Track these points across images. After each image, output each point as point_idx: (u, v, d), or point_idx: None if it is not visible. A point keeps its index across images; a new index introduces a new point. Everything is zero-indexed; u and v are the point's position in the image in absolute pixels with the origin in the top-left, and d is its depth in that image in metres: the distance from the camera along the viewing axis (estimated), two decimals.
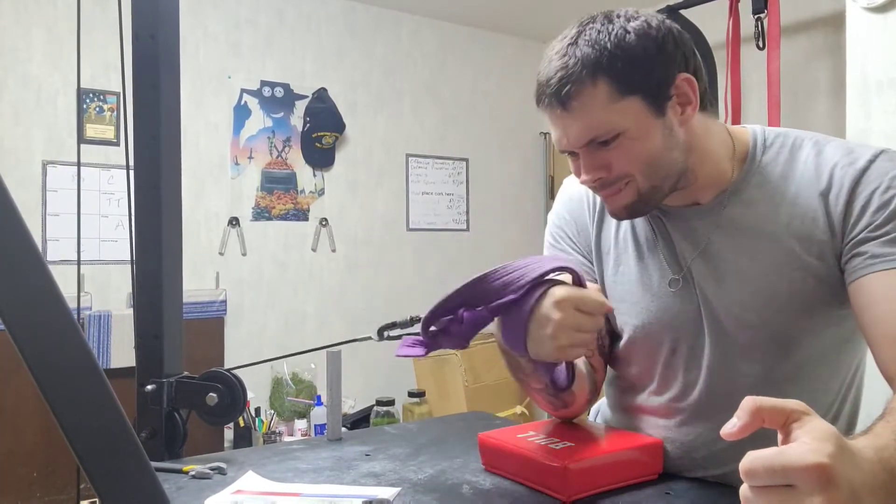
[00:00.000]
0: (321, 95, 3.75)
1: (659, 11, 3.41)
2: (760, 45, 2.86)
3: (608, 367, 1.10)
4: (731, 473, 0.93)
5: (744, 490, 0.51)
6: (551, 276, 0.85)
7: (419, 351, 0.88)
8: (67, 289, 0.74)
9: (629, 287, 1.00)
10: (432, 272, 4.04)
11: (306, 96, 3.73)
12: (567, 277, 0.86)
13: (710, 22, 3.32)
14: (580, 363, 0.99)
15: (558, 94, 0.85)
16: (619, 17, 0.86)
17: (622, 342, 1.02)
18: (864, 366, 0.98)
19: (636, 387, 1.03)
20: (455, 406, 3.18)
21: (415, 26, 4.10)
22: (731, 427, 0.52)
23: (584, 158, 0.90)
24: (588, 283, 1.03)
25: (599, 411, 1.18)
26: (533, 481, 0.91)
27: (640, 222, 1.00)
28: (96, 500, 0.52)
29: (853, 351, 0.95)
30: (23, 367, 0.49)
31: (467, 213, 4.23)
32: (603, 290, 1.04)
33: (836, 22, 3.00)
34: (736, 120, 3.04)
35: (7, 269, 0.49)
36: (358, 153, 3.91)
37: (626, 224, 1.02)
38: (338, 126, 3.78)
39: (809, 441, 0.49)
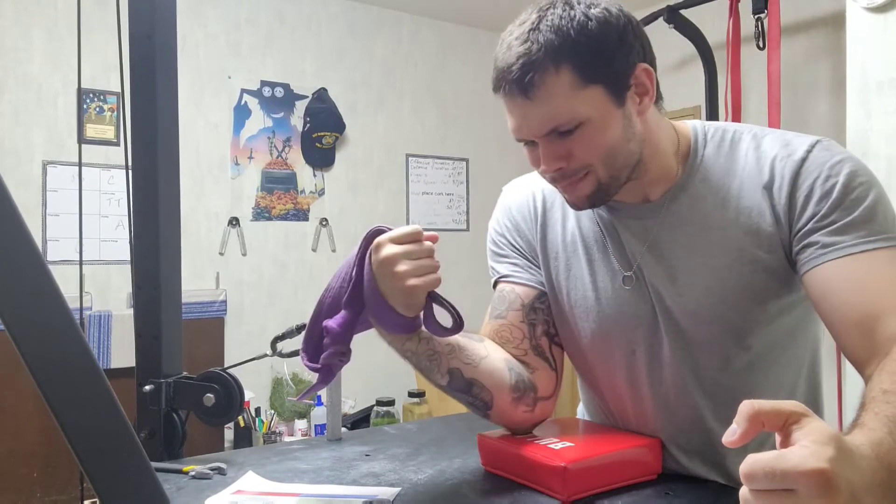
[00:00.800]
0: (321, 95, 3.75)
1: (658, 11, 3.38)
2: (760, 45, 2.86)
3: (576, 373, 1.09)
4: (715, 465, 0.95)
5: (743, 492, 0.51)
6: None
7: (319, 386, 0.90)
8: (67, 289, 0.74)
9: (582, 291, 1.00)
10: None
11: (306, 96, 3.73)
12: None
13: (710, 22, 3.32)
14: (501, 362, 0.98)
15: (520, 82, 0.83)
16: (578, 3, 0.85)
17: (583, 347, 1.02)
18: (820, 343, 0.99)
19: (605, 389, 1.03)
20: (455, 406, 3.17)
21: (415, 26, 4.10)
22: (732, 435, 0.52)
23: (543, 148, 0.88)
24: (523, 293, 1.04)
25: (582, 415, 1.18)
26: (532, 481, 0.91)
27: (586, 223, 1.00)
28: (97, 500, 0.52)
29: (806, 333, 0.96)
30: (23, 367, 0.49)
31: (467, 213, 4.23)
32: (553, 295, 1.03)
33: (836, 22, 3.00)
34: (736, 120, 3.04)
35: (7, 269, 0.49)
36: (358, 153, 3.91)
37: (572, 225, 1.01)
38: (338, 126, 3.78)
39: (809, 444, 0.49)
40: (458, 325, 0.90)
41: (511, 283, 1.05)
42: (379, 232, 0.87)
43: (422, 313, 0.89)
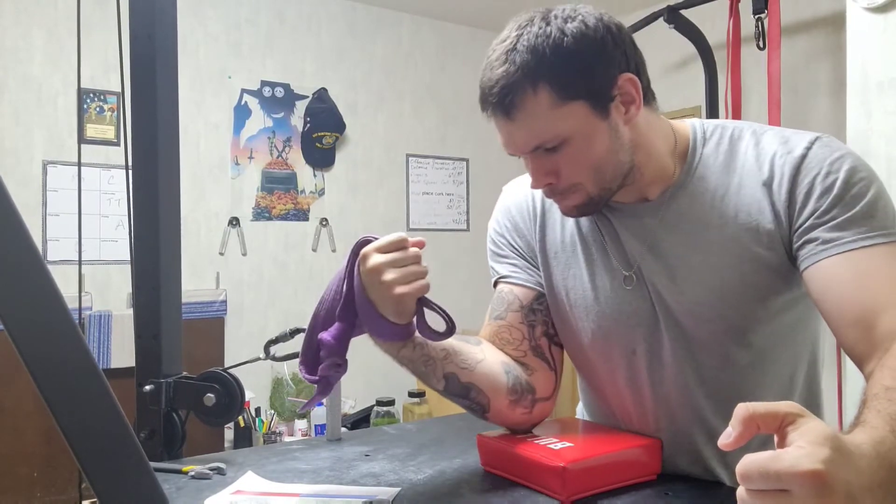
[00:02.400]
0: (321, 95, 3.75)
1: (659, 11, 3.36)
2: (761, 45, 2.86)
3: (576, 372, 1.09)
4: (716, 466, 0.95)
5: (740, 493, 0.51)
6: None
7: (318, 397, 0.92)
8: (67, 289, 0.75)
9: (582, 291, 1.00)
10: (432, 272, 3.98)
11: (306, 96, 3.73)
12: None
13: (711, 22, 3.32)
14: (498, 365, 0.98)
15: (501, 104, 0.85)
16: (556, 17, 0.85)
17: (583, 346, 1.02)
18: (818, 339, 0.99)
19: (606, 389, 1.03)
20: (455, 406, 3.17)
21: (415, 26, 4.10)
22: (727, 437, 0.52)
23: (531, 164, 0.90)
24: (520, 294, 1.05)
25: (582, 415, 1.18)
26: (532, 481, 0.91)
27: (585, 223, 1.00)
28: (97, 500, 0.52)
29: (806, 331, 0.96)
30: (23, 367, 0.49)
31: (467, 213, 4.23)
32: (553, 295, 1.03)
33: (836, 22, 3.00)
34: (737, 119, 3.03)
35: (6, 269, 0.49)
36: (358, 153, 3.91)
37: (570, 226, 1.01)
38: (338, 126, 3.78)
39: (804, 445, 0.49)
40: (451, 329, 0.91)
41: (510, 284, 1.05)
42: (366, 242, 0.88)
43: (414, 319, 0.89)
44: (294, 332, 0.91)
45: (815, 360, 1.00)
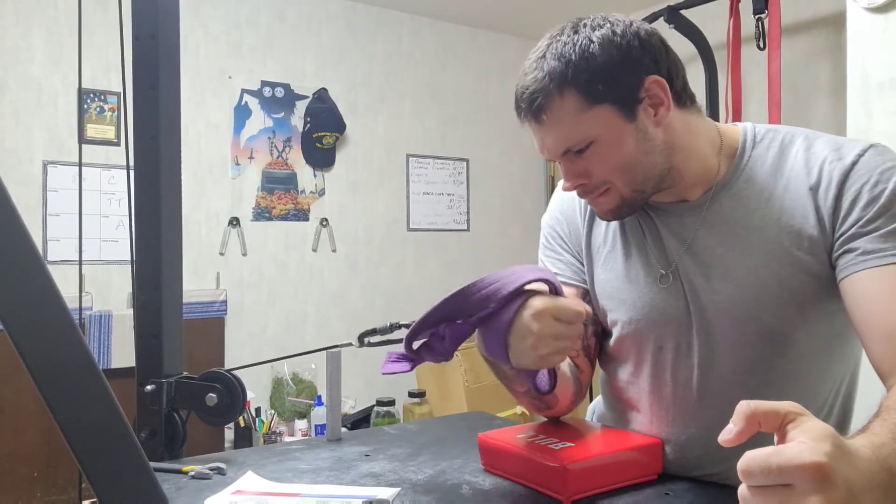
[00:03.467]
0: (322, 95, 3.75)
1: (659, 11, 3.37)
2: (761, 45, 2.86)
3: (601, 367, 1.10)
4: (727, 472, 0.93)
5: (742, 490, 0.51)
6: (528, 286, 0.86)
7: (404, 367, 0.90)
8: (67, 289, 0.75)
9: (617, 284, 1.01)
10: (433, 272, 4.04)
11: (307, 96, 3.73)
12: (543, 287, 0.87)
13: (711, 22, 3.32)
14: (563, 364, 1.00)
15: (530, 108, 0.89)
16: (585, 26, 0.88)
17: (612, 340, 1.03)
18: (859, 366, 0.97)
19: (628, 385, 1.03)
20: (455, 406, 3.18)
21: (415, 26, 4.10)
22: (728, 433, 0.53)
23: (563, 166, 0.93)
24: (565, 290, 1.04)
25: (595, 410, 1.18)
26: (532, 482, 0.91)
27: (629, 219, 1.01)
28: (97, 500, 0.52)
29: (844, 348, 0.94)
30: (23, 367, 0.49)
31: (468, 213, 4.23)
32: (592, 288, 1.05)
33: (836, 22, 3.00)
34: (736, 120, 3.03)
35: (6, 269, 0.49)
36: (358, 153, 3.91)
37: (615, 222, 1.03)
38: (338, 126, 3.78)
39: (806, 440, 0.49)
40: (552, 389, 0.94)
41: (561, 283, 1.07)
42: (545, 281, 0.86)
43: None
44: (394, 327, 0.91)
45: (853, 387, 0.98)
